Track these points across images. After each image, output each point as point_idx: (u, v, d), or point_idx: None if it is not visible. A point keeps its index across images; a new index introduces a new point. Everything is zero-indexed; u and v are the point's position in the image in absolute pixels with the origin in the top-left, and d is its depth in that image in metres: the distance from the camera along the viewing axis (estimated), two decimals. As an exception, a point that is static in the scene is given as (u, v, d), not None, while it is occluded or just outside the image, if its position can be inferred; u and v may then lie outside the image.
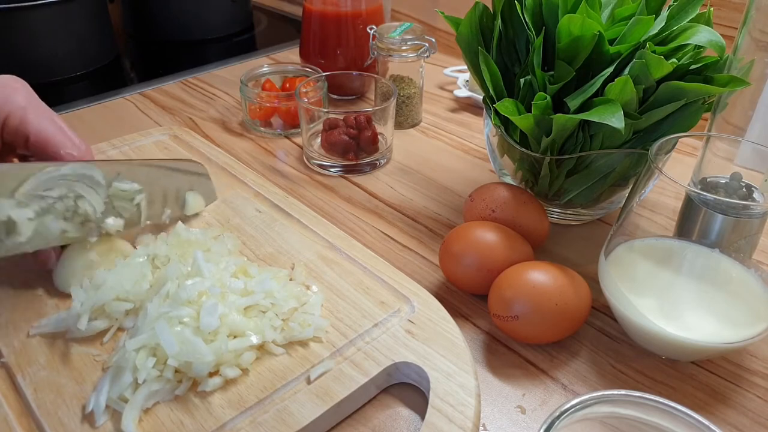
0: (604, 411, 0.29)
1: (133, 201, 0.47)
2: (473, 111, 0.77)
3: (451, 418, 0.35)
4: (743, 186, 0.43)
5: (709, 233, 0.43)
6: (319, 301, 0.42)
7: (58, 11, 0.82)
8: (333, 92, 0.77)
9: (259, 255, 0.48)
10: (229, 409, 0.35)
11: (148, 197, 0.48)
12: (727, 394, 0.39)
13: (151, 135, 0.65)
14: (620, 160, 0.47)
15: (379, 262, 0.47)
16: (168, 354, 0.36)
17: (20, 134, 0.43)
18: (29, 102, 0.43)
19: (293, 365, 0.38)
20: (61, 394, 0.37)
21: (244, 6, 1.09)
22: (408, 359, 0.38)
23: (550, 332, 0.41)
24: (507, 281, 0.41)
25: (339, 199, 0.59)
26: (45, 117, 0.43)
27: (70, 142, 0.44)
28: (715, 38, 0.42)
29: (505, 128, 0.49)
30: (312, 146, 0.64)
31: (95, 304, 0.40)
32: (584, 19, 0.42)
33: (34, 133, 0.43)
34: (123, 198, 0.46)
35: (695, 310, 0.40)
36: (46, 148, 0.43)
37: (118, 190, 0.45)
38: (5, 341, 0.40)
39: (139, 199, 0.47)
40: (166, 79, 0.85)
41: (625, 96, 0.42)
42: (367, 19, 0.76)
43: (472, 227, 0.45)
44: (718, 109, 0.45)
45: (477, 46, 0.49)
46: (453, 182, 0.62)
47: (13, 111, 0.42)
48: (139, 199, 0.47)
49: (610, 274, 0.41)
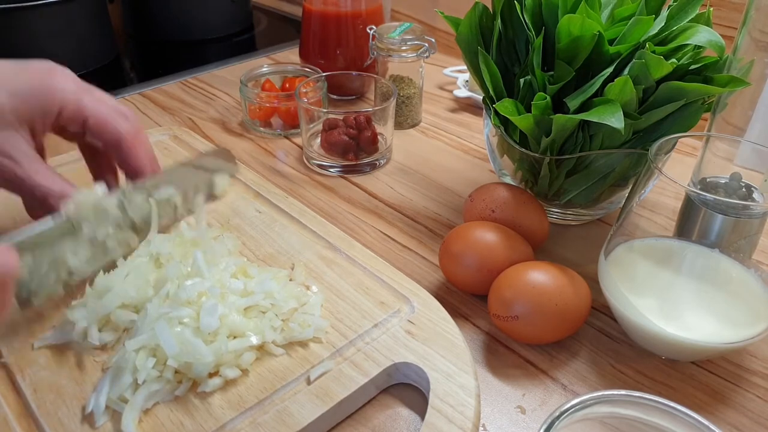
0: (604, 411, 0.29)
1: (169, 202, 0.49)
2: (473, 111, 0.77)
3: (450, 419, 0.35)
4: (743, 186, 0.43)
5: (709, 233, 0.43)
6: (319, 302, 0.42)
7: (58, 11, 0.82)
8: (333, 92, 0.77)
9: (259, 255, 0.48)
10: (228, 410, 0.35)
11: (182, 194, 0.50)
12: (727, 394, 0.39)
13: (151, 135, 0.65)
14: (620, 160, 0.47)
15: (378, 262, 0.47)
16: (168, 354, 0.36)
17: (77, 119, 0.44)
18: (79, 86, 0.44)
19: (293, 366, 0.38)
20: (61, 395, 0.37)
21: (244, 6, 1.09)
22: (408, 359, 0.38)
23: (550, 332, 0.41)
24: (507, 281, 0.41)
25: (339, 199, 0.59)
26: (96, 99, 0.45)
27: (123, 118, 0.45)
28: (714, 38, 0.42)
29: (505, 128, 0.49)
30: (312, 146, 0.64)
31: (101, 314, 0.40)
32: (584, 19, 0.42)
33: (92, 117, 0.44)
34: (163, 205, 0.48)
35: (695, 310, 0.40)
36: (106, 128, 0.44)
37: (158, 200, 0.47)
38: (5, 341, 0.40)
39: (175, 199, 0.49)
40: (166, 79, 0.85)
41: (624, 96, 0.42)
42: (366, 19, 0.76)
43: (472, 227, 0.45)
44: (718, 109, 0.45)
45: (477, 47, 0.49)
46: (453, 182, 0.62)
47: (67, 98, 0.43)
48: (174, 200, 0.49)
49: (610, 274, 0.41)
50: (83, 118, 0.44)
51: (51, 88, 0.42)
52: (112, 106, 0.45)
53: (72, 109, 0.43)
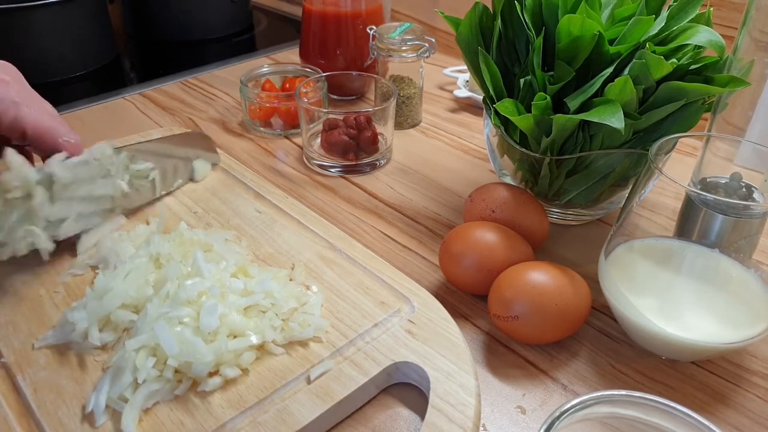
0: (604, 411, 0.29)
1: (148, 177, 0.52)
2: (473, 111, 0.77)
3: (451, 418, 0.35)
4: (743, 186, 0.43)
5: (709, 233, 0.43)
6: (319, 301, 0.42)
7: (58, 11, 0.82)
8: (333, 92, 0.77)
9: (259, 255, 0.48)
10: (229, 409, 0.35)
11: (161, 172, 0.53)
12: (727, 394, 0.39)
13: (151, 135, 0.65)
14: (620, 160, 0.47)
15: (379, 262, 0.47)
16: (168, 354, 0.36)
17: (16, 129, 0.44)
18: (21, 96, 0.44)
19: (293, 365, 0.38)
20: (61, 395, 0.37)
21: (244, 6, 1.09)
22: (408, 359, 0.38)
23: (550, 332, 0.41)
24: (507, 281, 0.41)
25: (339, 199, 0.59)
26: (39, 109, 0.45)
27: (66, 130, 0.45)
28: (715, 38, 0.42)
29: (505, 128, 0.49)
30: (312, 146, 0.64)
31: (101, 314, 0.40)
32: (584, 20, 0.42)
33: (30, 127, 0.44)
34: (139, 176, 0.51)
35: (695, 310, 0.40)
36: (44, 139, 0.44)
37: (135, 170, 0.50)
38: (5, 341, 0.40)
39: (153, 175, 0.53)
40: (166, 79, 0.85)
41: (625, 96, 0.42)
42: (367, 20, 0.76)
43: (472, 227, 0.45)
44: (718, 109, 0.45)
45: (477, 47, 0.49)
46: (453, 182, 0.62)
47: (5, 108, 0.43)
48: (153, 175, 0.53)
49: (610, 274, 0.41)
50: (22, 128, 0.44)
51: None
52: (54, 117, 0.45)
53: (9, 119, 0.43)
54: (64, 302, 0.43)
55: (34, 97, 0.45)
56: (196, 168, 0.57)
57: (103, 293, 0.40)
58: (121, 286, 0.41)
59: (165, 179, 0.54)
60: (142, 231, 0.49)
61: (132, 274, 0.42)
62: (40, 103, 0.46)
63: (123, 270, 0.42)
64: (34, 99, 0.45)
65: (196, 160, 0.57)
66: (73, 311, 0.40)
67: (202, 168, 0.58)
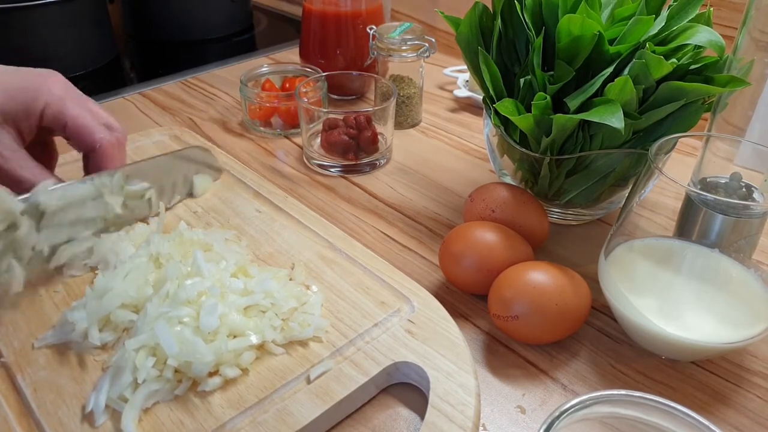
0: (604, 411, 0.29)
1: (143, 197, 0.50)
2: (473, 111, 0.77)
3: (451, 418, 0.35)
4: (743, 186, 0.43)
5: (709, 233, 0.43)
6: (319, 301, 0.42)
7: (58, 11, 0.82)
8: (333, 92, 0.77)
9: (259, 255, 0.48)
10: (229, 409, 0.35)
11: (158, 189, 0.52)
12: (727, 394, 0.39)
13: (151, 135, 0.65)
14: (620, 160, 0.47)
15: (379, 262, 0.47)
16: (168, 354, 0.36)
17: (59, 122, 0.46)
18: (67, 92, 0.47)
19: (293, 365, 0.38)
20: (61, 394, 0.37)
21: (244, 6, 1.09)
22: (408, 359, 0.38)
23: (550, 332, 0.41)
24: (507, 281, 0.41)
25: (339, 199, 0.59)
26: (81, 106, 0.47)
27: (103, 128, 0.47)
28: (715, 38, 0.42)
29: (505, 128, 0.49)
30: (312, 146, 0.64)
31: (101, 314, 0.40)
32: (584, 19, 0.42)
33: (71, 123, 0.46)
34: (134, 197, 0.50)
35: (695, 310, 0.40)
36: (81, 136, 0.46)
37: (130, 192, 0.49)
38: (5, 341, 0.40)
39: (150, 195, 0.51)
40: (166, 79, 0.85)
41: (625, 96, 0.42)
42: (367, 19, 0.76)
43: (472, 227, 0.45)
44: (718, 109, 0.45)
45: (477, 46, 0.49)
46: (453, 182, 0.62)
47: (51, 101, 0.45)
48: (149, 195, 0.51)
49: (610, 274, 0.41)
50: (63, 121, 0.46)
51: (38, 90, 0.45)
52: (97, 114, 0.47)
53: (53, 111, 0.45)
54: (64, 302, 0.43)
55: (78, 96, 0.47)
56: (196, 183, 0.55)
57: (103, 293, 0.40)
58: (120, 285, 0.41)
59: (162, 196, 0.52)
60: (142, 231, 0.49)
61: (132, 274, 0.42)
62: (84, 101, 0.48)
63: (123, 270, 0.42)
64: (78, 97, 0.47)
65: (196, 176, 0.56)
66: (73, 311, 0.40)
67: (202, 183, 0.56)
